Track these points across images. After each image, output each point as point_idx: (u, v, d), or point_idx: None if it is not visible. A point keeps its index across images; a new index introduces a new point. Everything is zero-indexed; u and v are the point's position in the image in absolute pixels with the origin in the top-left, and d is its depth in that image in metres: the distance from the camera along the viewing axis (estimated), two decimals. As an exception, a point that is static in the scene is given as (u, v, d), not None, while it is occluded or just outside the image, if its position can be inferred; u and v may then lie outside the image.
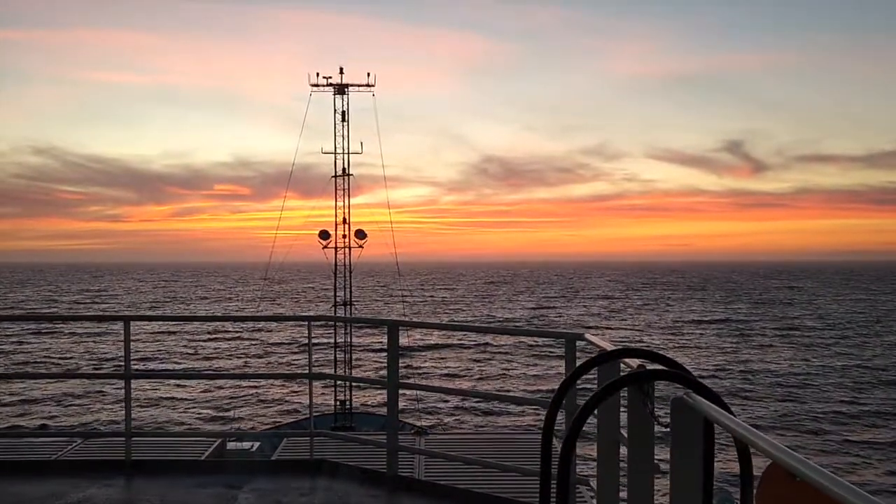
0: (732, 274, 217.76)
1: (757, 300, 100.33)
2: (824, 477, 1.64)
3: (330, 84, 26.33)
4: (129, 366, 6.73)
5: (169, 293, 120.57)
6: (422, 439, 8.98)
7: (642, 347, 3.72)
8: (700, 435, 2.57)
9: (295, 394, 33.09)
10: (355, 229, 26.55)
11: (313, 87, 26.27)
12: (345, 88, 26.36)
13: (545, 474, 3.38)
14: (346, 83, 26.40)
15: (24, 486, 6.17)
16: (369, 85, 26.45)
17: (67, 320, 65.31)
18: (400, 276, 29.70)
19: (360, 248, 26.66)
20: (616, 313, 79.55)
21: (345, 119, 26.25)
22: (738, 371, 41.08)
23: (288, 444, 8.67)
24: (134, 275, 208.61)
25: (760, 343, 53.76)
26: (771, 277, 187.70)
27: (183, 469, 6.67)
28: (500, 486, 6.52)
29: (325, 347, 32.84)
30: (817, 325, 67.08)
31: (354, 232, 26.51)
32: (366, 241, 26.67)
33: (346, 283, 26.21)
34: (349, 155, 26.28)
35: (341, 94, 26.33)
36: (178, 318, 14.95)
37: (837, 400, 33.56)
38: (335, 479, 6.42)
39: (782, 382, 37.75)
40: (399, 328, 6.41)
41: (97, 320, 60.16)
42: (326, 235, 26.46)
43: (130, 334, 6.68)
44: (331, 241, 26.47)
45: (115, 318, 7.60)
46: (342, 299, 26.18)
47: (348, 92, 26.38)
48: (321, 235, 26.55)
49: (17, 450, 7.94)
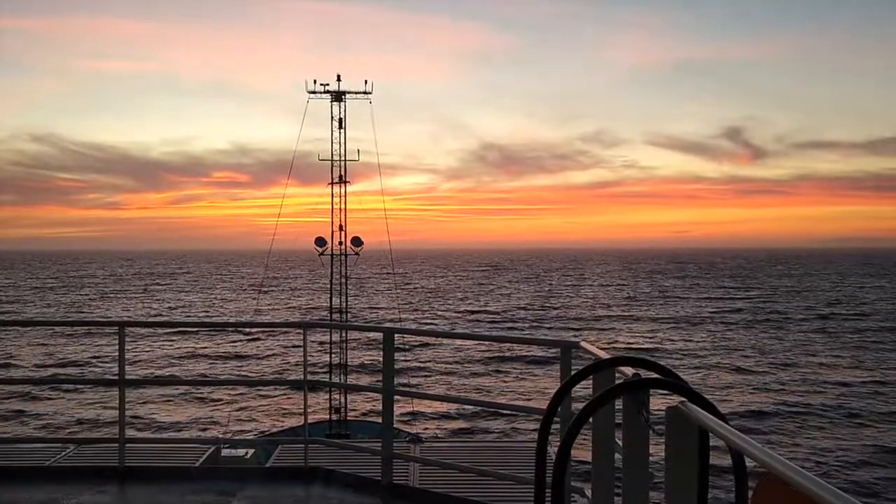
0: (742, 260, 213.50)
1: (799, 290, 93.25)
2: (818, 486, 1.64)
3: (327, 91, 26.36)
4: (123, 372, 6.71)
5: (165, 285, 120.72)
6: (417, 447, 8.96)
7: (637, 356, 3.73)
8: (695, 444, 2.57)
9: (289, 400, 32.99)
10: (352, 237, 26.55)
11: (310, 94, 26.30)
12: (342, 96, 26.39)
13: (540, 482, 3.37)
14: (343, 90, 26.43)
15: (17, 492, 6.14)
16: (366, 92, 26.48)
17: (61, 325, 65.09)
18: (394, 265, 29.76)
19: (356, 255, 26.65)
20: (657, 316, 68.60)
21: (342, 126, 26.28)
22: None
23: (282, 451, 8.65)
24: (124, 262, 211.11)
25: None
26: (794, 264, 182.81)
27: (177, 476, 6.64)
28: (496, 494, 6.51)
29: (320, 353, 32.78)
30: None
31: (350, 239, 26.51)
32: (362, 248, 26.66)
33: (343, 290, 26.20)
34: (346, 162, 26.31)
35: (338, 101, 26.36)
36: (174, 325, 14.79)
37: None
38: (330, 487, 6.40)
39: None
40: (394, 335, 6.41)
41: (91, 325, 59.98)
42: (323, 243, 26.45)
43: (125, 340, 6.67)
44: (327, 249, 26.45)
45: (110, 323, 7.58)
46: (338, 307, 26.17)
47: (345, 99, 26.42)
48: (317, 242, 26.54)
49: (10, 456, 7.90)
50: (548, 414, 3.52)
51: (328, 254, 26.46)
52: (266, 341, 55.28)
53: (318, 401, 27.90)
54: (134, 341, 51.68)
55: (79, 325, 67.91)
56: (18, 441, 15.27)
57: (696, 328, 56.72)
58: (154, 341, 55.12)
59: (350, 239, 26.52)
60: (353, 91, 26.46)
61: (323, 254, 26.50)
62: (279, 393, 34.29)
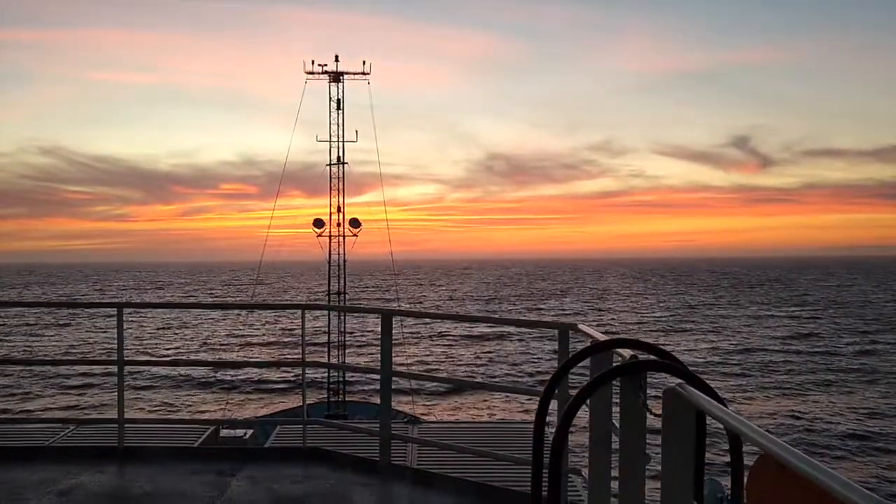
0: (758, 270, 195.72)
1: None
2: (814, 467, 1.65)
3: (325, 72, 26.19)
4: (122, 352, 6.73)
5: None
6: (415, 428, 9.00)
7: (635, 339, 3.73)
8: (692, 425, 2.58)
9: (288, 381, 33.11)
10: (350, 218, 26.53)
11: (308, 74, 26.14)
12: (340, 76, 26.23)
13: (537, 463, 3.39)
14: (341, 71, 26.27)
15: (16, 472, 6.16)
16: (364, 73, 26.31)
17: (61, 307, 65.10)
18: (396, 275, 29.66)
19: (354, 237, 26.64)
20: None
21: (339, 107, 26.14)
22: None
23: (281, 431, 8.68)
24: (136, 273, 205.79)
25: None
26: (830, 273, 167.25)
27: (175, 456, 6.67)
28: (493, 474, 6.54)
29: (319, 335, 32.84)
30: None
31: (349, 221, 26.49)
32: (360, 230, 26.64)
33: (341, 272, 26.20)
34: (344, 143, 26.20)
35: (336, 82, 26.20)
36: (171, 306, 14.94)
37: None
38: (328, 468, 6.43)
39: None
40: (392, 317, 6.43)
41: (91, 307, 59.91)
42: (321, 224, 26.44)
43: (124, 321, 6.68)
44: (325, 230, 26.44)
45: (109, 304, 7.58)
46: (336, 288, 26.17)
47: (343, 80, 26.26)
48: (315, 224, 26.52)
49: (9, 436, 7.93)
50: (545, 395, 3.53)
51: (325, 235, 26.44)
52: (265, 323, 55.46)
53: (317, 381, 28.01)
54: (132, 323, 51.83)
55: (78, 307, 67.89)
56: (17, 421, 15.33)
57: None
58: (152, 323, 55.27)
59: (349, 220, 26.51)
60: (351, 72, 26.30)
61: (321, 235, 26.49)
62: (277, 374, 34.42)
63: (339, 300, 26.13)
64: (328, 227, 26.39)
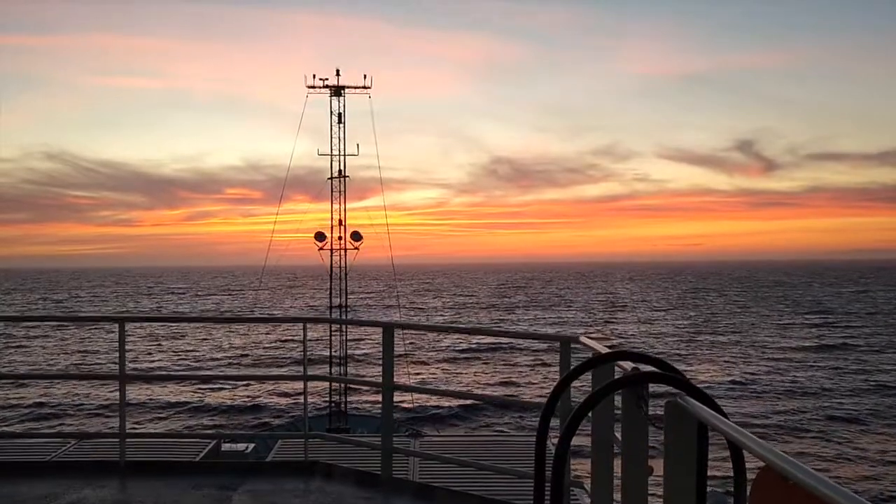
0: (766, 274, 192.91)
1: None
2: (817, 480, 1.64)
3: (326, 86, 26.35)
4: (123, 367, 6.72)
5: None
6: (416, 441, 8.97)
7: (636, 351, 3.73)
8: (694, 437, 2.57)
9: (289, 395, 33.04)
10: (351, 231, 26.59)
11: (309, 88, 26.30)
12: (341, 90, 26.38)
13: (540, 476, 3.38)
14: (342, 85, 26.42)
15: (18, 487, 6.14)
16: (365, 87, 26.46)
17: (63, 321, 65.17)
18: (397, 281, 29.66)
19: (355, 249, 26.70)
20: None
21: (341, 121, 26.27)
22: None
23: (282, 445, 8.66)
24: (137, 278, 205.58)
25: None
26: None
27: (177, 470, 6.65)
28: (495, 488, 6.52)
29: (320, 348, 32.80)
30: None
31: (350, 234, 26.55)
32: (361, 244, 26.70)
33: (342, 286, 26.22)
34: (345, 157, 26.31)
35: (337, 95, 26.34)
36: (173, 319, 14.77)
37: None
38: (329, 481, 6.41)
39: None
40: (394, 330, 6.42)
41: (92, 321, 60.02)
42: (322, 237, 26.50)
43: (125, 335, 6.68)
44: (326, 244, 26.50)
45: (111, 319, 7.58)
46: (338, 302, 26.20)
47: (345, 94, 26.41)
48: (317, 237, 26.59)
49: (11, 451, 7.91)
50: (547, 408, 3.52)
51: (327, 248, 26.50)
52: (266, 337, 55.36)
53: (318, 395, 27.96)
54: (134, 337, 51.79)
55: (80, 321, 67.95)
56: (19, 436, 15.29)
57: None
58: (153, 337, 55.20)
59: (350, 234, 26.56)
60: (352, 86, 26.45)
61: (322, 248, 26.55)
62: (279, 388, 34.35)
63: (340, 313, 26.14)
64: (329, 242, 26.47)
